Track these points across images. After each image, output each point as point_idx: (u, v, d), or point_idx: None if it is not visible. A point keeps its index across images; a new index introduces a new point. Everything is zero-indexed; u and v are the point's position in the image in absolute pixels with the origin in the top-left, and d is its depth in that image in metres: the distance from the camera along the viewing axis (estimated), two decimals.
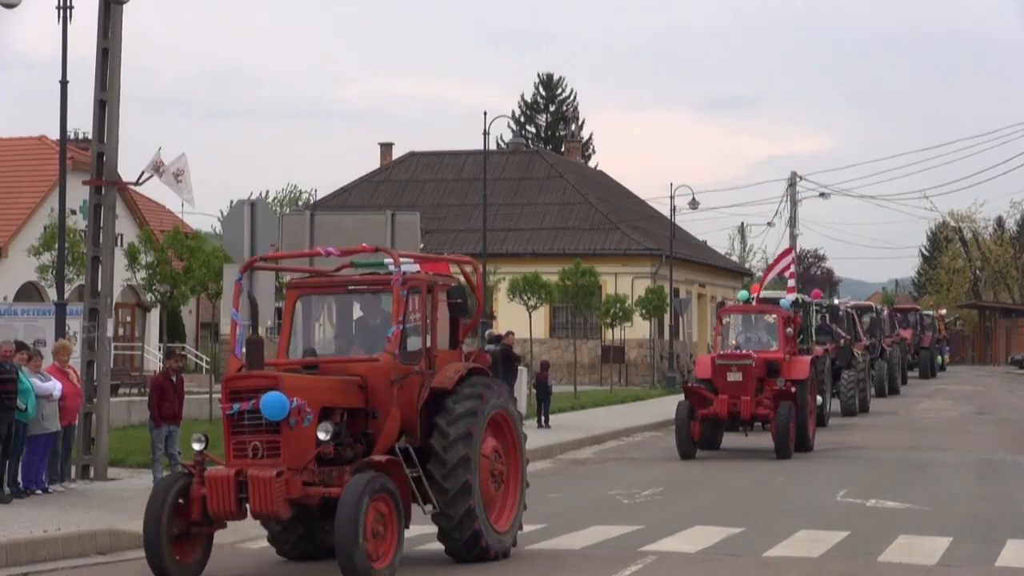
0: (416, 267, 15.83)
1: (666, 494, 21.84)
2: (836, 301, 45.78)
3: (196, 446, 14.23)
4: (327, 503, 13.77)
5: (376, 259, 15.69)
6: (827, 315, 41.53)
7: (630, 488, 22.56)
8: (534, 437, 31.39)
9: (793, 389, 28.39)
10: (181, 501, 13.93)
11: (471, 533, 14.84)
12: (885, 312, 61.66)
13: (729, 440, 29.99)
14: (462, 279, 16.30)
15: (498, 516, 15.50)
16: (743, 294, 37.39)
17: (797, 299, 36.65)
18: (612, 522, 18.43)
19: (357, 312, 15.78)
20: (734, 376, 28.36)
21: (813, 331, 36.47)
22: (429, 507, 14.76)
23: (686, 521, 18.37)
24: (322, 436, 13.88)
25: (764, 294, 37.56)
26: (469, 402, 14.92)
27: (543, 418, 34.65)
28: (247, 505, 13.73)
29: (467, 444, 14.72)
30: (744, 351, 29.16)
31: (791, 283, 39.56)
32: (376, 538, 13.49)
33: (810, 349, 34.50)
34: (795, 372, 29.62)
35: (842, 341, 41.83)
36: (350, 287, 15.48)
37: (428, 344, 15.12)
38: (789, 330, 30.17)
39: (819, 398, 34.49)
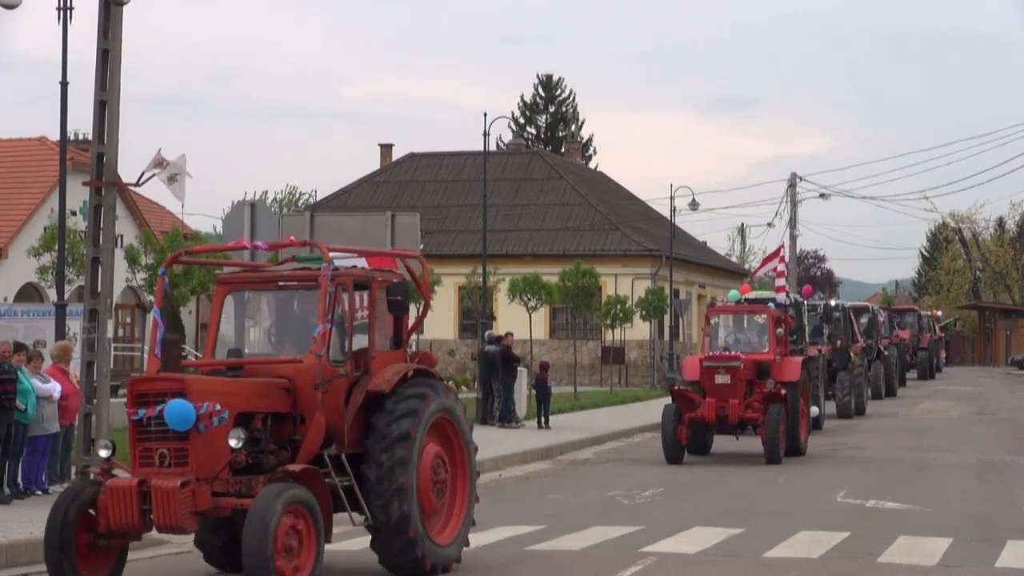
0: (363, 262, 15.16)
1: (666, 495, 21.84)
2: (833, 302, 44.57)
3: (103, 453, 13.52)
4: (242, 515, 12.71)
5: (313, 254, 14.79)
6: (822, 316, 40.94)
7: (630, 489, 22.56)
8: (534, 437, 31.55)
9: (783, 391, 27.70)
10: (92, 511, 13.11)
11: (405, 541, 13.92)
12: (883, 313, 61.25)
13: (720, 444, 29.26)
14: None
15: (441, 528, 14.64)
16: (733, 294, 36.85)
17: (791, 299, 36.41)
18: (612, 523, 18.43)
19: (289, 310, 14.89)
20: (722, 378, 27.56)
21: (807, 332, 36.08)
22: (362, 518, 13.86)
23: (686, 522, 18.37)
24: (233, 443, 12.94)
25: (756, 294, 37.03)
26: (410, 402, 14.07)
27: (543, 419, 34.66)
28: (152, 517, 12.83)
29: (405, 446, 13.86)
30: (733, 352, 28.41)
31: (780, 282, 38.52)
32: (289, 554, 12.52)
33: (804, 350, 34.26)
34: (786, 374, 28.86)
35: (838, 342, 41.29)
36: (281, 283, 14.56)
37: (358, 344, 14.22)
38: (780, 330, 29.39)
39: (815, 408, 34.17)
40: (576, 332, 58.84)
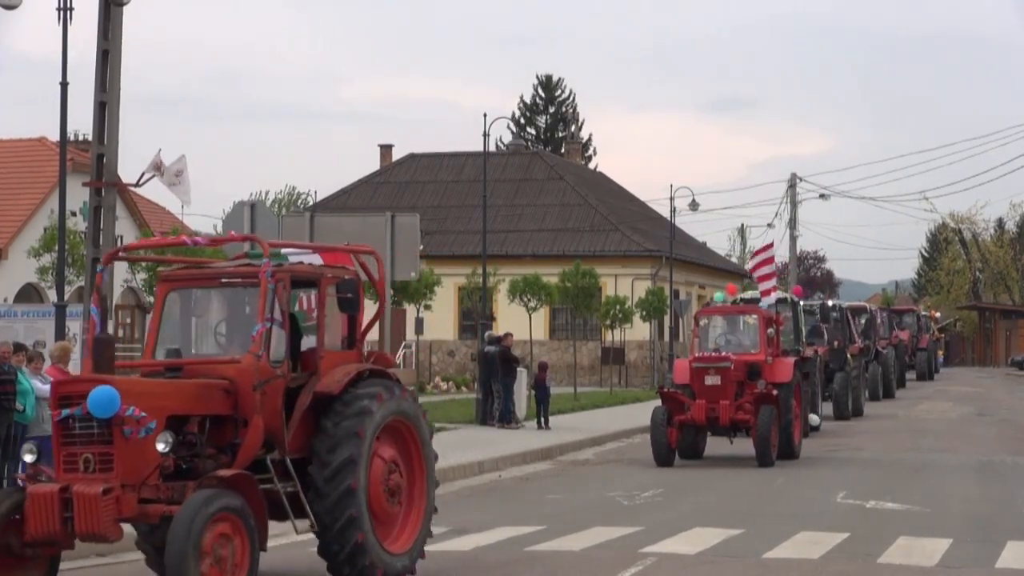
0: (317, 259, 14.60)
1: (666, 496, 21.84)
2: (830, 302, 44.04)
3: (27, 458, 12.75)
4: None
5: (273, 249, 14.16)
6: (818, 316, 40.55)
7: (630, 489, 22.56)
8: (534, 438, 31.55)
9: (775, 392, 27.25)
10: (18, 517, 12.40)
11: (353, 545, 13.21)
12: (882, 314, 60.73)
13: (715, 447, 28.79)
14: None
15: (395, 537, 13.90)
16: (719, 295, 36.29)
17: (786, 299, 36.04)
18: (612, 523, 18.43)
19: (233, 308, 14.11)
20: (712, 379, 26.99)
21: (804, 332, 35.75)
22: (305, 524, 13.26)
23: (686, 523, 18.37)
24: (160, 448, 12.31)
25: (748, 295, 36.25)
26: (361, 402, 13.39)
27: (543, 419, 34.67)
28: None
29: (353, 445, 13.21)
30: (723, 353, 27.79)
31: (763, 285, 36.98)
32: (218, 564, 11.93)
33: (799, 351, 34.03)
34: (778, 375, 28.37)
35: (835, 343, 40.76)
36: (224, 280, 13.81)
37: (296, 343, 13.63)
38: (771, 331, 28.79)
39: (814, 418, 33.94)
40: (576, 333, 58.86)
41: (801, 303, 36.56)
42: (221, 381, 12.99)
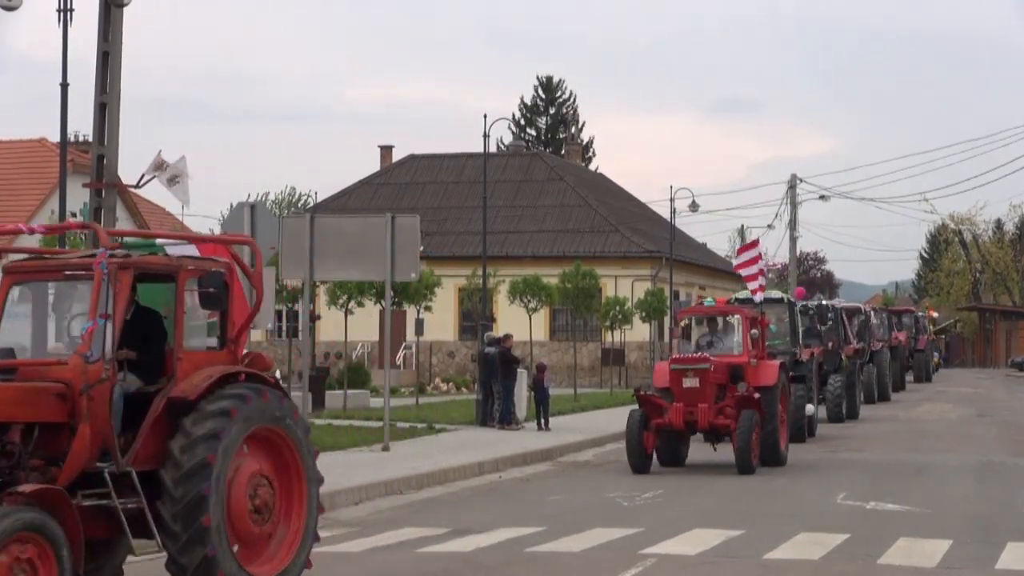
0: (192, 249, 13.65)
1: (666, 497, 21.83)
2: (823, 301, 42.97)
3: None
4: None
5: (146, 240, 13.29)
6: (815, 316, 39.79)
7: (630, 490, 22.55)
8: (534, 439, 31.55)
9: (756, 396, 25.87)
10: None
11: (202, 559, 11.79)
12: (881, 315, 60.21)
13: (697, 454, 27.51)
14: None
15: (263, 559, 12.51)
16: (710, 301, 35.69)
17: (782, 299, 35.39)
18: (612, 524, 18.43)
19: (77, 302, 12.79)
20: (690, 382, 25.71)
21: (800, 334, 35.19)
22: (153, 544, 11.94)
23: (686, 524, 18.36)
24: None
25: (742, 295, 35.46)
26: (223, 403, 12.12)
27: (542, 420, 34.67)
28: None
29: (209, 447, 11.90)
30: (702, 354, 26.49)
31: (751, 285, 35.29)
32: None
33: (796, 353, 33.55)
34: (761, 377, 26.91)
35: (829, 344, 39.82)
36: (67, 272, 12.59)
37: (158, 344, 12.50)
38: (754, 331, 27.41)
39: (810, 407, 33.42)
40: (576, 334, 58.87)
41: (799, 304, 35.92)
42: (55, 384, 11.72)
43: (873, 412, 43.88)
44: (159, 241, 13.27)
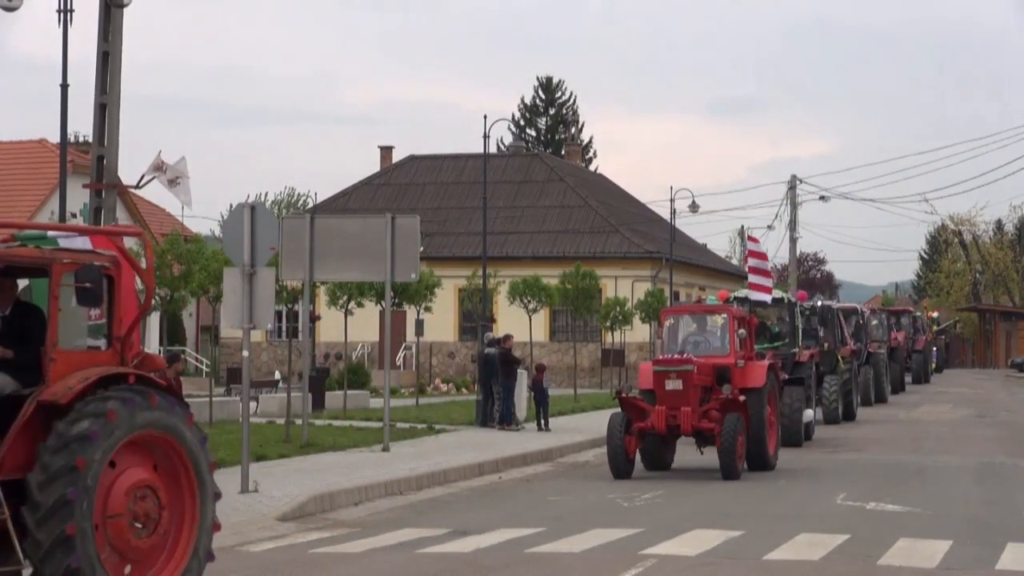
0: (85, 242, 12.90)
1: (666, 497, 21.83)
2: (819, 302, 41.75)
3: None
4: None
5: (38, 233, 12.65)
6: (813, 316, 38.84)
7: (630, 491, 22.54)
8: (534, 440, 31.53)
9: (742, 398, 25.04)
10: None
11: (64, 572, 10.88)
12: (880, 315, 59.46)
13: (684, 458, 26.57)
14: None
15: (154, 574, 11.66)
16: (712, 299, 34.50)
17: (782, 299, 34.77)
18: (612, 525, 18.43)
19: None
20: (673, 384, 24.78)
21: (800, 335, 34.63)
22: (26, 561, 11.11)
23: (686, 524, 18.35)
24: None
25: (742, 293, 34.47)
26: (100, 404, 11.25)
27: (542, 421, 34.66)
28: None
29: (81, 449, 11.01)
30: (685, 355, 25.54)
31: (753, 279, 33.78)
32: None
33: (795, 354, 33.05)
34: (749, 379, 25.99)
35: (825, 345, 38.91)
36: None
37: (32, 342, 11.66)
38: (742, 331, 26.41)
39: (808, 412, 32.71)
40: (576, 334, 58.88)
41: (798, 305, 35.34)
42: None
43: (873, 413, 43.85)
44: (51, 233, 12.60)
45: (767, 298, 33.39)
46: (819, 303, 41.39)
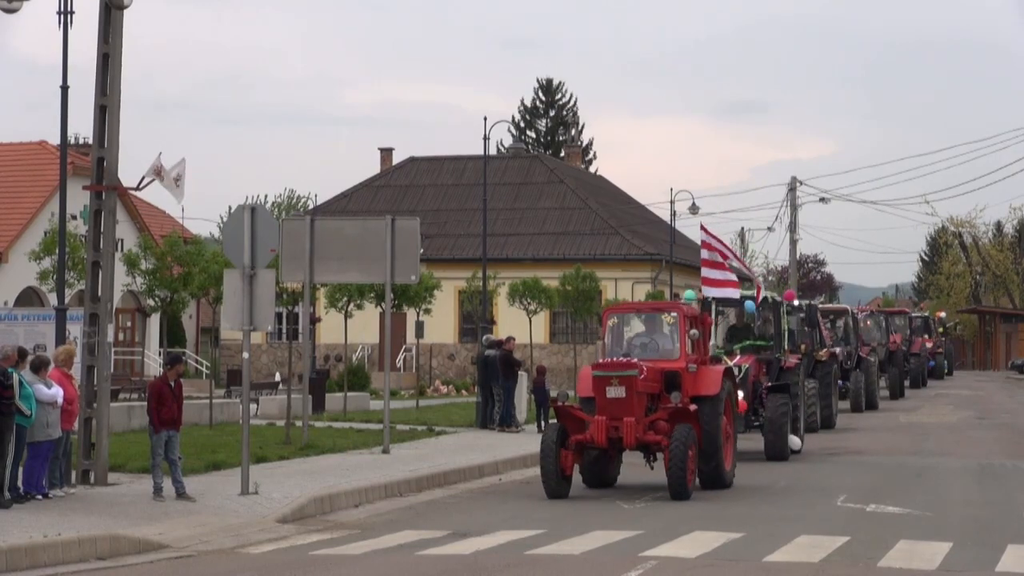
0: None
1: (666, 499, 21.80)
2: (795, 301, 37.85)
3: None
4: None
5: None
6: (802, 317, 36.89)
7: (630, 493, 22.54)
8: (534, 441, 31.40)
9: (692, 407, 22.21)
10: None
11: None
12: (877, 317, 57.24)
13: (630, 474, 23.90)
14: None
15: None
16: (690, 294, 30.87)
17: (766, 297, 31.59)
18: (612, 527, 18.43)
19: None
20: (615, 391, 21.80)
21: (785, 336, 31.80)
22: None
23: (686, 526, 18.36)
24: None
25: (721, 292, 30.53)
26: None
27: (542, 423, 34.62)
28: None
29: None
30: (631, 359, 22.51)
31: (707, 273, 29.87)
32: None
33: (780, 358, 30.48)
34: (701, 386, 22.90)
35: (803, 347, 35.71)
36: None
37: None
38: (694, 332, 23.30)
39: (795, 440, 28.91)
40: (576, 336, 58.85)
41: (784, 305, 32.61)
42: None
43: (873, 415, 43.78)
44: None
45: (733, 294, 30.12)
46: (795, 302, 37.95)
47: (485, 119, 46.43)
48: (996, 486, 24.18)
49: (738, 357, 29.29)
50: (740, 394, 26.72)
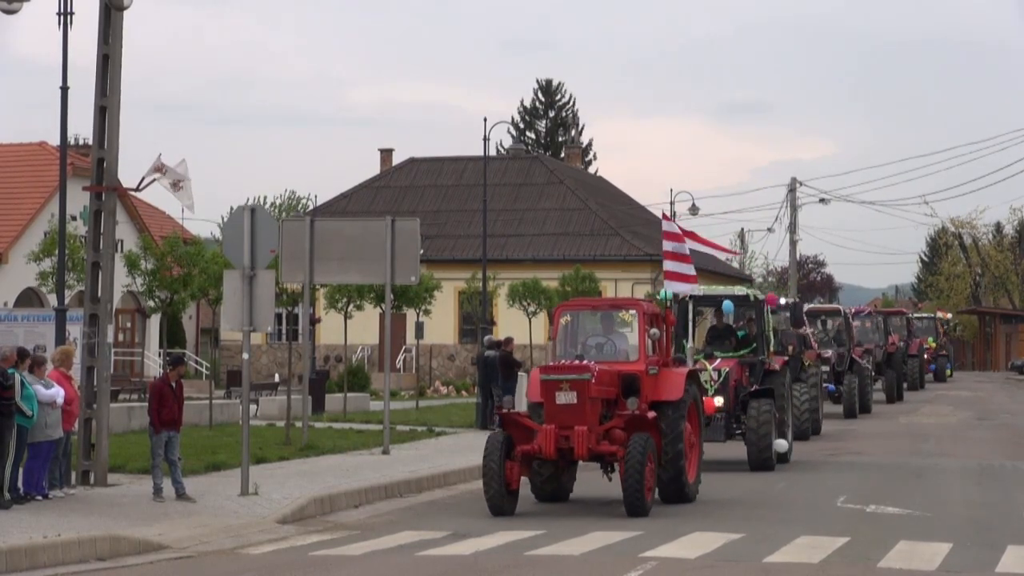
0: None
1: (660, 502, 21.78)
2: (782, 300, 36.88)
3: None
4: None
5: None
6: (790, 319, 35.73)
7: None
8: None
9: (652, 414, 20.30)
10: None
11: None
12: (875, 317, 54.60)
13: (587, 487, 21.89)
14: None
15: None
16: (665, 294, 28.14)
17: (747, 296, 29.38)
18: (612, 528, 18.42)
19: None
20: (565, 397, 19.77)
21: (772, 340, 29.78)
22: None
23: (686, 527, 18.35)
24: None
25: (706, 290, 29.74)
26: None
27: None
28: None
29: None
30: (582, 362, 20.46)
31: (669, 265, 28.37)
32: None
33: (765, 361, 28.29)
34: (662, 391, 20.85)
35: (790, 348, 33.63)
36: None
37: None
38: (654, 331, 21.21)
39: (782, 442, 26.97)
40: None
41: (768, 306, 29.87)
42: None
43: (873, 415, 43.75)
44: None
45: (689, 288, 28.40)
46: (782, 300, 36.91)
47: (485, 120, 46.52)
48: (996, 487, 24.18)
49: (718, 360, 27.39)
50: (720, 400, 25.92)
